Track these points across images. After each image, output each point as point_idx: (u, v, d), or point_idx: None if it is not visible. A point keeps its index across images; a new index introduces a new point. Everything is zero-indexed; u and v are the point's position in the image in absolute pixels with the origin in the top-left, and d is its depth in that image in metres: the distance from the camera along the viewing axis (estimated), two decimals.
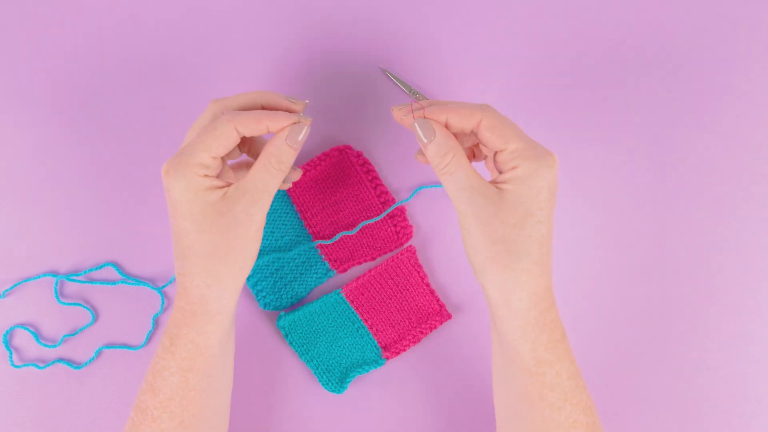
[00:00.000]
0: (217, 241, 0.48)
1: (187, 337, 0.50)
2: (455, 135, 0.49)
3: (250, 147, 0.54)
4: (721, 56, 0.66)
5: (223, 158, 0.50)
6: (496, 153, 0.48)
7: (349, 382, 0.62)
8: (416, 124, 0.48)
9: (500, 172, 0.48)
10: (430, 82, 0.65)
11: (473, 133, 0.49)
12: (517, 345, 0.49)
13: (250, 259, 0.50)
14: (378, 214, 0.64)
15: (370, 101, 0.65)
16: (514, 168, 0.47)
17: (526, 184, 0.46)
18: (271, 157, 0.48)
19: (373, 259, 0.64)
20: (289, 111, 0.51)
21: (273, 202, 0.63)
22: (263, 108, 0.51)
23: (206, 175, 0.47)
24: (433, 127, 0.48)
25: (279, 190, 0.64)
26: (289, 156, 0.49)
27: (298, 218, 0.64)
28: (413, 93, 0.65)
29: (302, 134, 0.49)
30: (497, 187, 0.47)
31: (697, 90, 0.66)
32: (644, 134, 0.65)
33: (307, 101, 0.52)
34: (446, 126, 0.48)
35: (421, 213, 0.64)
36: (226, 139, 0.47)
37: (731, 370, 0.64)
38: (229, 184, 0.48)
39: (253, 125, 0.48)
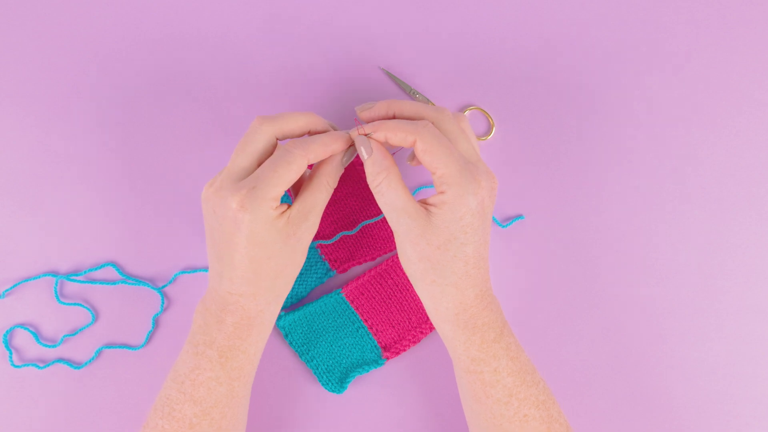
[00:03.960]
0: (284, 263, 0.50)
1: (240, 348, 0.51)
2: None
3: None
4: (720, 56, 0.66)
5: None
6: (431, 173, 0.50)
7: (349, 382, 0.62)
8: (357, 141, 0.50)
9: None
10: (430, 82, 0.65)
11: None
12: (453, 346, 0.53)
13: (299, 271, 0.54)
14: (378, 214, 0.64)
15: (370, 101, 0.65)
16: (441, 192, 0.49)
17: (450, 209, 0.48)
18: (328, 177, 0.51)
19: (373, 259, 0.64)
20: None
21: None
22: (309, 132, 0.52)
23: (277, 205, 0.48)
24: (372, 145, 0.50)
25: None
26: (340, 174, 0.52)
27: None
28: (413, 93, 0.65)
29: (352, 155, 0.52)
30: (426, 209, 0.50)
31: (697, 89, 0.66)
32: (644, 134, 0.66)
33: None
34: (387, 142, 0.51)
35: None
36: (299, 173, 0.48)
37: (730, 370, 0.64)
38: (285, 206, 0.50)
39: (321, 155, 0.49)
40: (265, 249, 0.49)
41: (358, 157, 0.63)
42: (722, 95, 0.66)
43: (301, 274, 0.63)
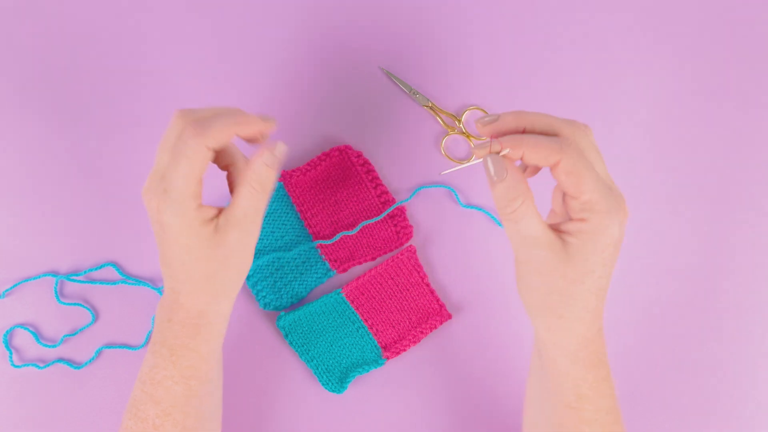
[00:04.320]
0: (214, 268, 0.47)
1: (189, 347, 0.50)
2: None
3: (218, 157, 0.50)
4: (721, 56, 0.66)
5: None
6: (567, 195, 0.44)
7: (349, 382, 0.62)
8: (488, 161, 0.44)
9: (569, 217, 0.45)
10: (431, 82, 0.65)
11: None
12: (561, 381, 0.49)
13: (245, 274, 0.51)
14: (378, 214, 0.64)
15: (371, 101, 0.65)
16: (582, 220, 0.43)
17: (592, 240, 0.43)
18: (254, 183, 0.47)
19: (373, 259, 0.64)
20: (261, 130, 0.48)
21: (273, 202, 0.63)
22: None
23: (199, 206, 0.46)
24: (507, 166, 0.44)
25: (280, 190, 0.64)
26: (271, 177, 0.47)
27: (298, 218, 0.64)
28: (413, 93, 0.65)
29: (278, 152, 0.47)
30: (561, 238, 0.44)
31: (698, 89, 0.66)
32: (644, 133, 0.66)
33: (274, 119, 0.49)
34: (522, 159, 0.44)
35: (421, 213, 0.64)
36: (202, 161, 0.44)
37: (736, 370, 0.64)
38: (216, 210, 0.47)
39: (222, 138, 0.45)
40: (192, 252, 0.46)
41: (357, 156, 0.63)
42: (723, 95, 0.66)
43: (301, 273, 0.63)
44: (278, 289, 0.63)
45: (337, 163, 0.64)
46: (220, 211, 0.47)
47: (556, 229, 0.45)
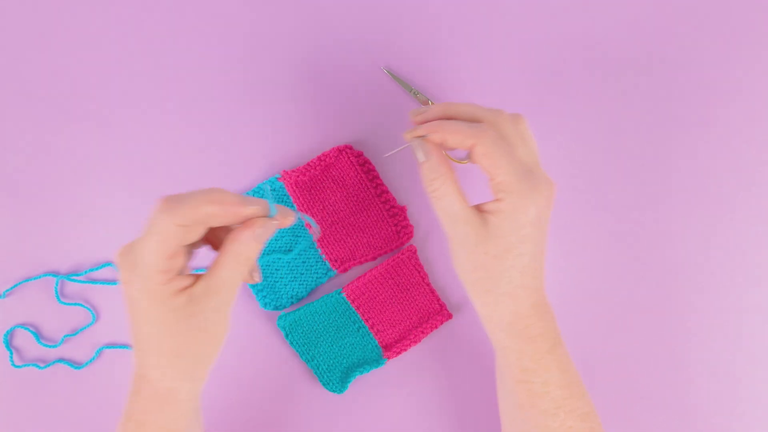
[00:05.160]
0: (185, 342, 0.45)
1: (157, 423, 0.48)
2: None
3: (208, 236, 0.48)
4: (722, 55, 0.66)
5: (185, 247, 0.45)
6: (488, 177, 0.48)
7: (350, 382, 0.62)
8: (414, 143, 0.49)
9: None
10: (432, 82, 0.65)
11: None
12: (506, 354, 0.52)
13: (219, 346, 0.47)
14: (378, 214, 0.64)
15: (371, 101, 0.65)
16: (498, 200, 0.47)
17: (508, 219, 0.47)
18: (239, 256, 0.45)
19: (374, 258, 0.64)
20: (240, 212, 0.44)
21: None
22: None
23: (169, 280, 0.44)
24: (430, 149, 0.49)
25: (280, 190, 0.64)
26: (257, 252, 0.46)
27: (299, 218, 0.64)
28: (414, 93, 0.65)
29: (270, 227, 0.45)
30: (482, 216, 0.48)
31: (698, 89, 0.66)
32: (645, 133, 0.66)
33: (268, 202, 0.46)
34: (444, 144, 0.49)
35: (421, 213, 0.64)
36: (171, 237, 0.42)
37: (725, 369, 0.64)
38: (193, 279, 0.45)
39: (193, 215, 0.43)
40: (160, 325, 0.44)
41: (357, 156, 0.63)
42: (722, 95, 0.66)
43: (301, 273, 0.63)
44: (278, 289, 0.63)
45: (337, 163, 0.64)
46: (196, 278, 0.45)
47: (480, 208, 0.48)
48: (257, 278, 0.49)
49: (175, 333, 0.45)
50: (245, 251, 0.45)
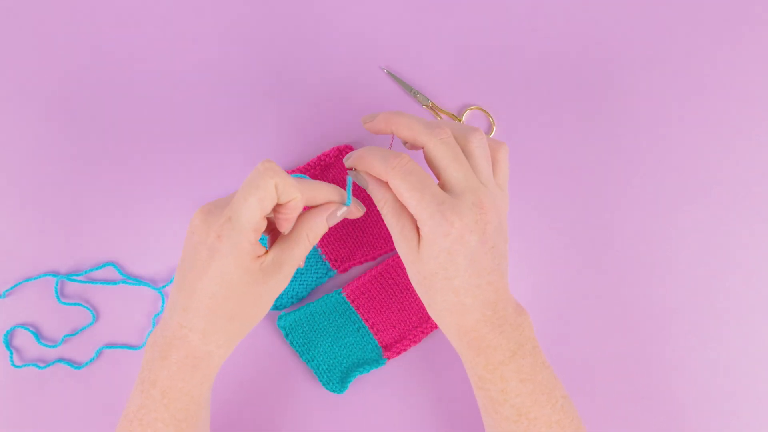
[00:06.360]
0: (243, 307, 0.47)
1: (183, 390, 0.49)
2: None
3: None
4: (723, 56, 0.66)
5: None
6: None
7: (350, 382, 0.62)
8: (349, 178, 0.50)
9: None
10: (431, 82, 0.65)
11: None
12: (464, 361, 0.53)
13: (257, 321, 0.51)
14: (378, 214, 0.64)
15: (371, 101, 0.65)
16: (419, 228, 0.48)
17: (426, 246, 0.48)
18: (310, 232, 0.49)
19: (374, 258, 0.64)
20: (331, 199, 0.50)
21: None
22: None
23: (256, 240, 0.46)
24: (363, 178, 0.51)
25: None
26: (323, 231, 0.50)
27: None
28: (414, 93, 0.65)
29: (341, 213, 0.50)
30: (417, 238, 0.49)
31: (699, 89, 0.66)
32: (645, 133, 0.66)
33: (346, 190, 0.51)
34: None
35: None
36: (271, 198, 0.45)
37: (731, 370, 0.64)
38: (263, 249, 0.48)
39: (292, 190, 0.45)
40: (227, 288, 0.46)
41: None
42: (722, 95, 0.66)
43: (301, 273, 0.63)
44: None
45: (337, 163, 0.64)
46: (264, 250, 0.48)
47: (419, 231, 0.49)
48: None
49: (240, 295, 0.47)
50: (317, 231, 0.49)
